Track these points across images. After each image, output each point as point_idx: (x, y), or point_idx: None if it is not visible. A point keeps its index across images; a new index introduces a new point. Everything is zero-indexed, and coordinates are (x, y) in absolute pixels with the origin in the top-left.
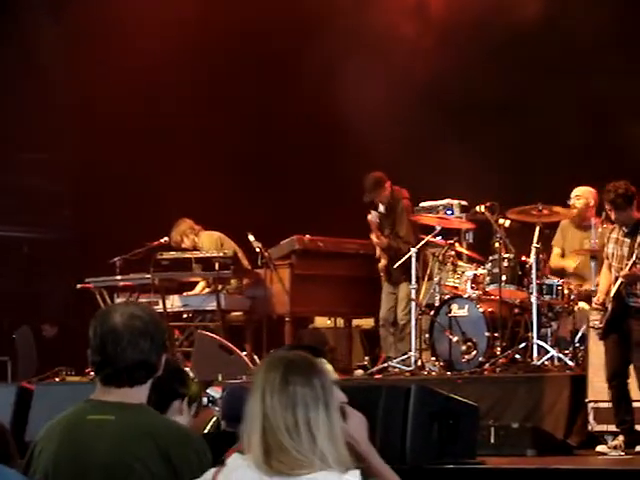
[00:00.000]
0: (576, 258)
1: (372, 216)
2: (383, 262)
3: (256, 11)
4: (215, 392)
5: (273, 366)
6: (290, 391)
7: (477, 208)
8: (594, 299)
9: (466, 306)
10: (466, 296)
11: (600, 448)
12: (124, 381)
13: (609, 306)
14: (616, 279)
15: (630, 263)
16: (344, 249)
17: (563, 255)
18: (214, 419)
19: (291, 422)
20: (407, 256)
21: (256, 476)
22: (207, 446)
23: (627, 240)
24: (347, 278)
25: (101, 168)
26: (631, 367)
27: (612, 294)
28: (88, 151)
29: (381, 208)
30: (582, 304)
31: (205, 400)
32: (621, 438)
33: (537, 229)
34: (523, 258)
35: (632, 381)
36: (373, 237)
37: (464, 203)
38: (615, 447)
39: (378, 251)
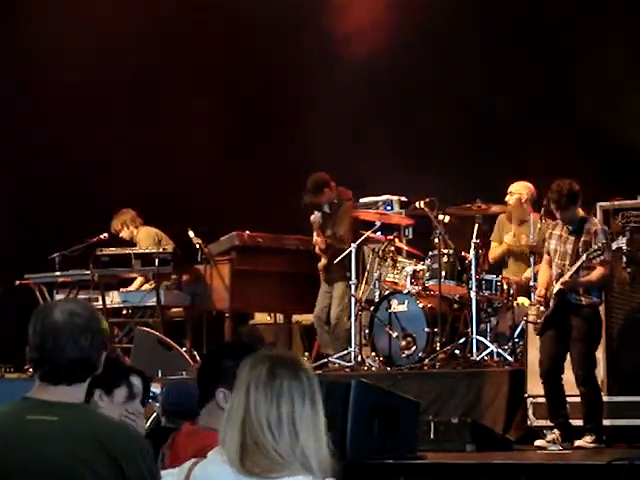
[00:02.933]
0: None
1: (315, 217)
2: (323, 261)
3: None
4: (155, 388)
5: (259, 361)
6: (276, 384)
7: (416, 204)
8: (535, 293)
9: (406, 302)
10: (406, 292)
11: (538, 442)
12: (62, 379)
13: (551, 302)
14: (559, 276)
15: (572, 270)
16: (284, 245)
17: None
18: (154, 415)
19: (274, 417)
20: (347, 252)
21: (230, 472)
22: (150, 444)
23: (571, 238)
24: (287, 274)
25: (37, 162)
26: (566, 362)
27: (555, 291)
28: (25, 146)
29: (325, 208)
30: (521, 299)
31: None
32: (557, 432)
33: (476, 225)
34: (462, 254)
35: (568, 376)
36: (315, 236)
37: (404, 199)
38: (553, 441)
39: (317, 249)
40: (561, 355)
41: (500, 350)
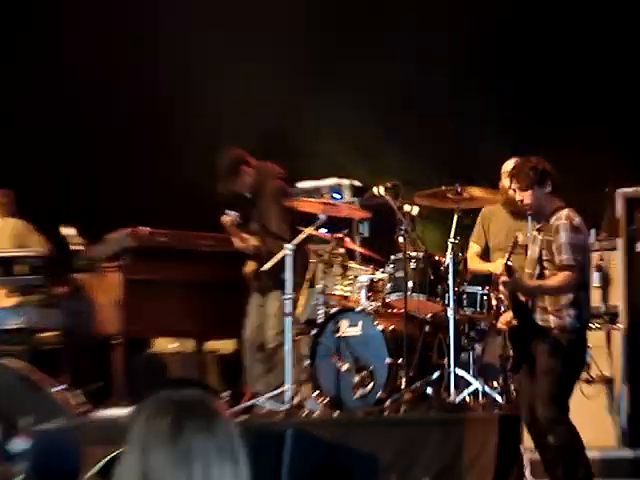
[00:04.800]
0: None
1: (227, 218)
2: (251, 265)
3: None
4: (20, 444)
5: (159, 410)
6: (184, 442)
7: (375, 190)
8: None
9: (360, 322)
10: (360, 309)
11: None
12: None
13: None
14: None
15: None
16: (196, 246)
17: (486, 255)
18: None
19: None
20: (280, 255)
21: None
22: None
23: (538, 236)
24: (199, 285)
25: None
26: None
27: (512, 309)
28: None
29: (247, 194)
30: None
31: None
32: None
33: (455, 218)
34: (437, 258)
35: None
36: (236, 242)
37: (357, 183)
38: None
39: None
40: None
41: (487, 388)
